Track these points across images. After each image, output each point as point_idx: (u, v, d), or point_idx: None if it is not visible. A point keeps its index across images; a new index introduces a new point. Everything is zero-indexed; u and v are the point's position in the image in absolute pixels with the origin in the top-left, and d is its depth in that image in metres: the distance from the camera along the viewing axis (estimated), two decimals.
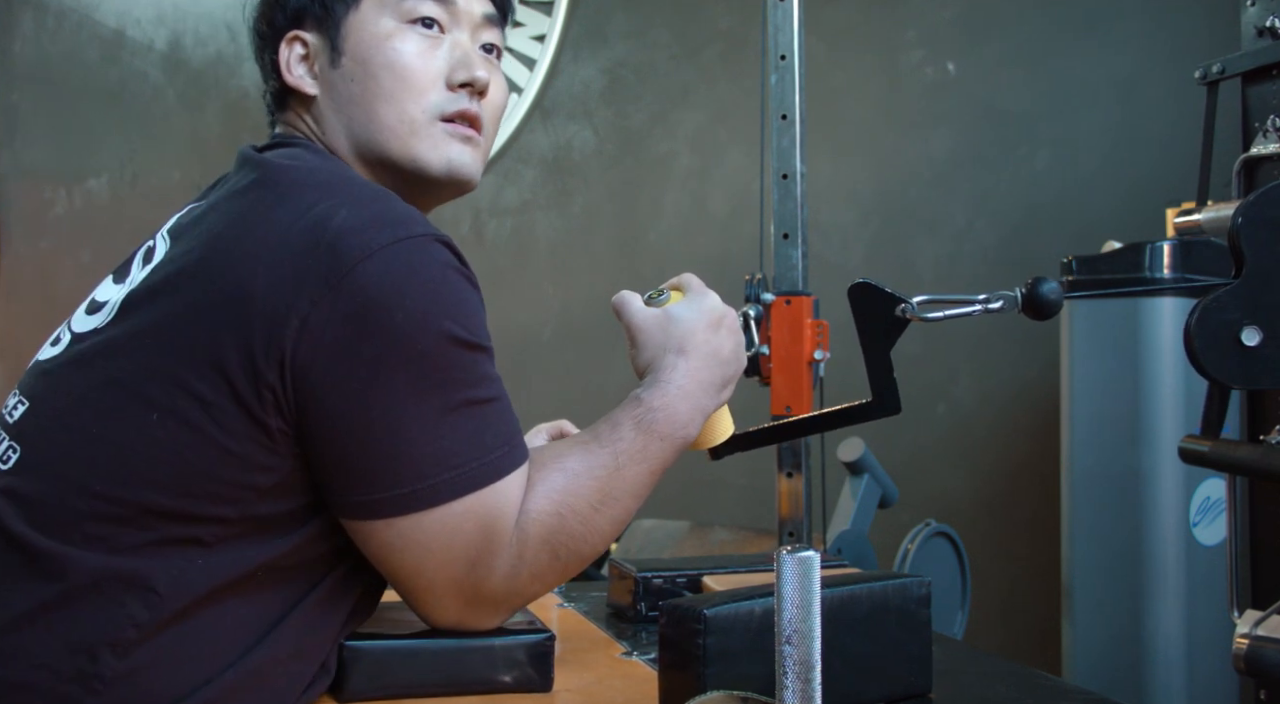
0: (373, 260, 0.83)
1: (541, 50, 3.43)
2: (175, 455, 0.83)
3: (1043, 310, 1.02)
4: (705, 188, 3.13)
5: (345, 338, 0.82)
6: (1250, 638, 0.92)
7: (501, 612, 0.95)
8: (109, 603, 0.82)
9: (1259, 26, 1.17)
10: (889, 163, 2.83)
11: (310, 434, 0.84)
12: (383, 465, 0.85)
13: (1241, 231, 0.87)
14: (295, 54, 1.03)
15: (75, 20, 4.38)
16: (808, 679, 0.66)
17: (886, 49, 2.84)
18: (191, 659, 0.85)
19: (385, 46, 1.00)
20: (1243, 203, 0.89)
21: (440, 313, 0.85)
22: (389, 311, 0.82)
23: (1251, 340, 0.87)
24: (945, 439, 2.67)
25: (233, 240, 0.86)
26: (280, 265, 0.83)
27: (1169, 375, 1.90)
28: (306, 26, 1.03)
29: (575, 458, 0.94)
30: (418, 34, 1.01)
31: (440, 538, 0.87)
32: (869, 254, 2.82)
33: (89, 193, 4.33)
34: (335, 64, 1.01)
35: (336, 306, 0.82)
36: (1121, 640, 1.92)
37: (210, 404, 0.83)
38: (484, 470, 0.87)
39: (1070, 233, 2.51)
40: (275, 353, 0.82)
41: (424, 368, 0.84)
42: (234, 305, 0.83)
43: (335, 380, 0.82)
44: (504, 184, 3.51)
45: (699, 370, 0.99)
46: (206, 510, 0.84)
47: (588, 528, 0.93)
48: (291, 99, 1.05)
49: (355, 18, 1.01)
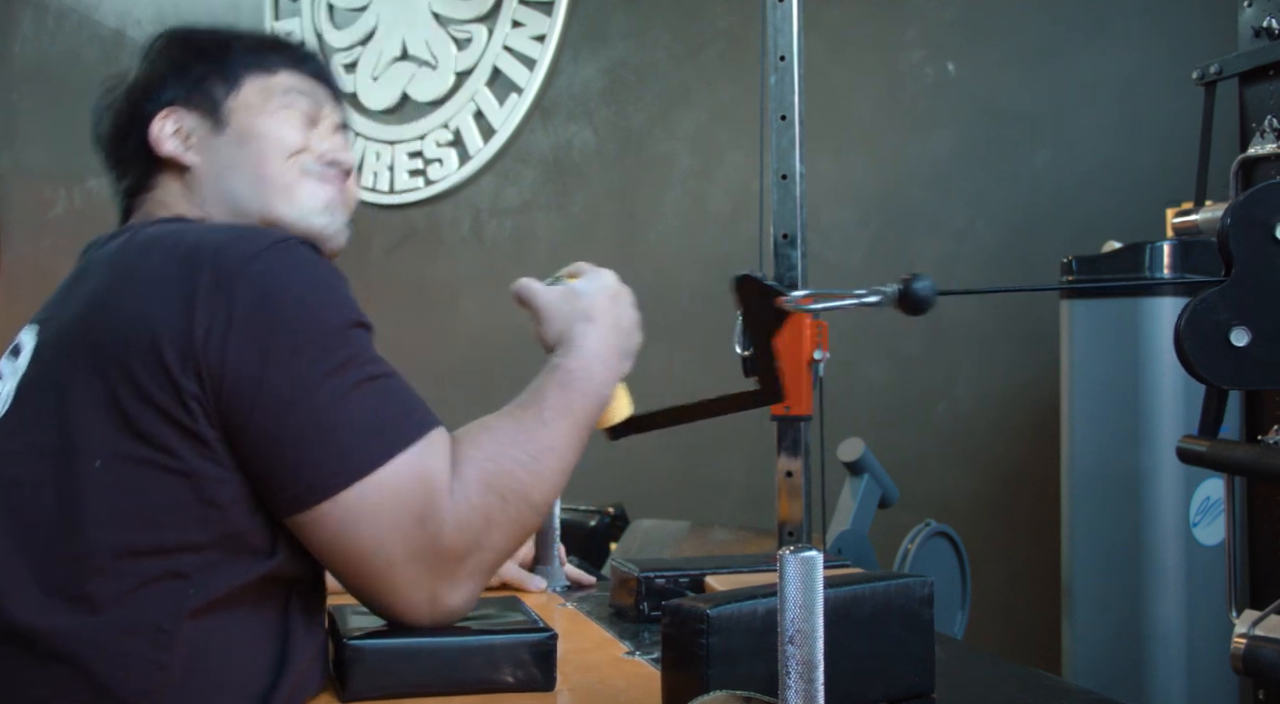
0: (255, 262, 0.90)
1: (541, 50, 3.43)
2: (130, 493, 0.86)
3: (916, 306, 1.10)
4: (705, 188, 3.13)
5: (247, 334, 0.87)
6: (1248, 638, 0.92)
7: (469, 573, 0.94)
8: (125, 659, 0.84)
9: (1256, 27, 1.17)
10: (889, 163, 2.83)
11: (239, 435, 0.88)
12: (312, 446, 0.88)
13: (1230, 232, 0.88)
14: (168, 128, 1.11)
15: (75, 20, 4.38)
16: (810, 679, 0.66)
17: (886, 49, 2.84)
18: (215, 686, 0.87)
19: (267, 120, 1.12)
20: (1232, 204, 0.89)
21: (325, 300, 0.92)
22: (281, 303, 0.89)
23: (1240, 341, 0.87)
24: (945, 439, 2.67)
25: (114, 291, 0.91)
26: (170, 292, 0.88)
27: (1169, 375, 1.91)
28: (178, 105, 1.12)
29: (500, 419, 0.99)
30: (295, 116, 1.13)
31: (386, 501, 0.89)
32: (869, 254, 2.83)
33: (89, 193, 4.33)
34: (218, 132, 1.11)
35: (233, 308, 0.87)
36: (1121, 640, 1.92)
37: (146, 435, 0.86)
38: (406, 431, 0.91)
39: (1070, 233, 2.51)
40: (190, 364, 0.86)
41: (325, 349, 0.90)
42: (139, 338, 0.87)
43: (248, 375, 0.87)
44: (504, 184, 3.51)
45: (607, 336, 1.08)
46: (177, 539, 0.86)
47: (526, 470, 0.96)
48: (160, 176, 1.12)
49: (235, 99, 1.12)
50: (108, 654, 0.84)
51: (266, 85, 1.13)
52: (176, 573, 0.86)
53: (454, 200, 3.60)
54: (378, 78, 3.82)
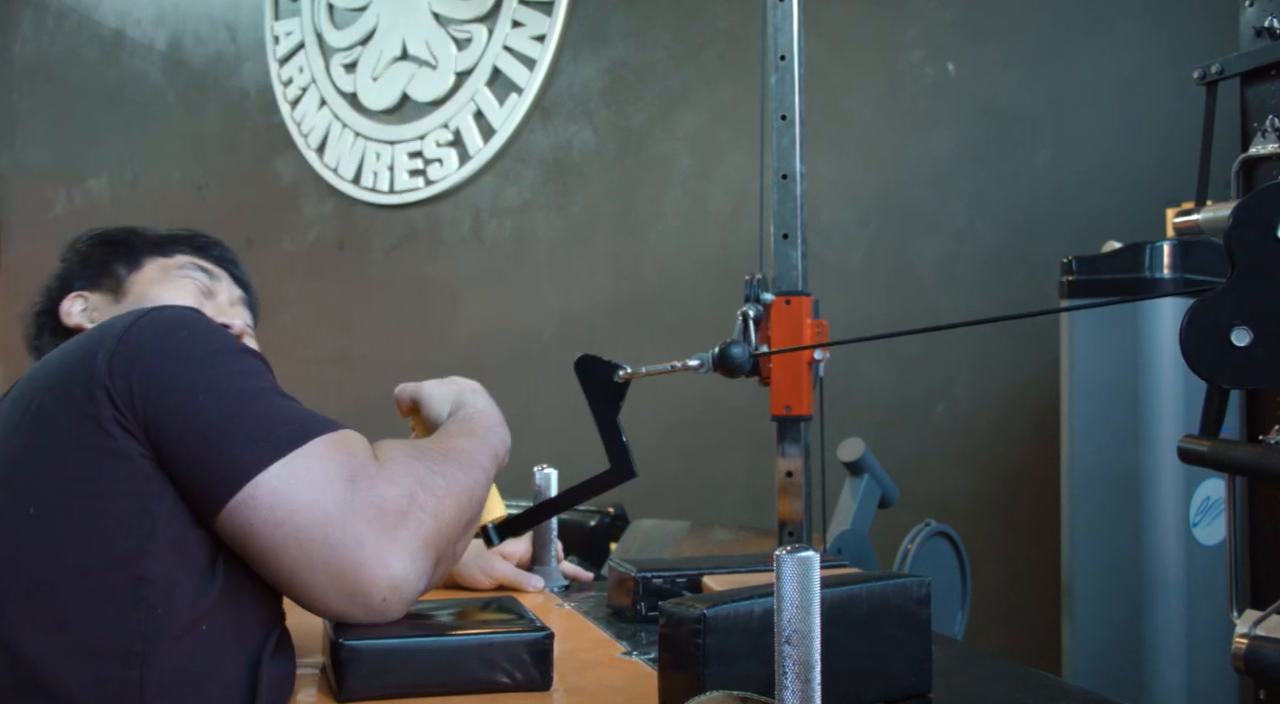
0: (146, 316, 0.96)
1: (541, 50, 3.43)
2: (74, 520, 0.88)
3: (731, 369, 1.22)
4: (705, 188, 3.13)
5: (149, 356, 0.92)
6: (1249, 638, 0.92)
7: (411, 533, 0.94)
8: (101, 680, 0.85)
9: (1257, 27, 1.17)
10: (889, 163, 2.83)
11: (160, 445, 0.90)
12: (229, 438, 0.91)
13: (1233, 232, 0.88)
14: (76, 307, 1.32)
15: (75, 20, 4.38)
16: (807, 679, 0.66)
17: (886, 49, 2.84)
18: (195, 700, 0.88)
19: (163, 289, 1.30)
20: (1236, 204, 0.89)
21: (215, 336, 0.98)
22: (174, 333, 0.95)
23: (1241, 341, 0.87)
24: (945, 439, 2.67)
25: (43, 373, 0.96)
26: (77, 354, 0.94)
27: (1169, 375, 1.90)
28: (83, 288, 1.32)
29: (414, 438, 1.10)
30: (190, 283, 1.31)
31: (314, 467, 0.92)
32: (869, 254, 2.82)
33: (89, 193, 4.33)
34: (118, 302, 1.30)
35: (129, 341, 0.93)
36: (1121, 640, 1.92)
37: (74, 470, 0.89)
38: (320, 424, 0.95)
39: (1070, 233, 2.51)
40: (99, 392, 0.90)
41: (224, 360, 0.95)
42: (54, 390, 0.92)
43: (156, 389, 0.91)
44: (504, 184, 3.51)
45: (493, 409, 1.20)
46: (130, 549, 0.88)
47: (443, 455, 1.03)
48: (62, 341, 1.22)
49: (136, 275, 1.31)
50: (84, 679, 0.85)
51: (165, 264, 1.32)
52: (139, 579, 0.87)
53: (454, 200, 3.60)
54: (378, 78, 3.82)
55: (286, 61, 4.07)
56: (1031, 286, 2.54)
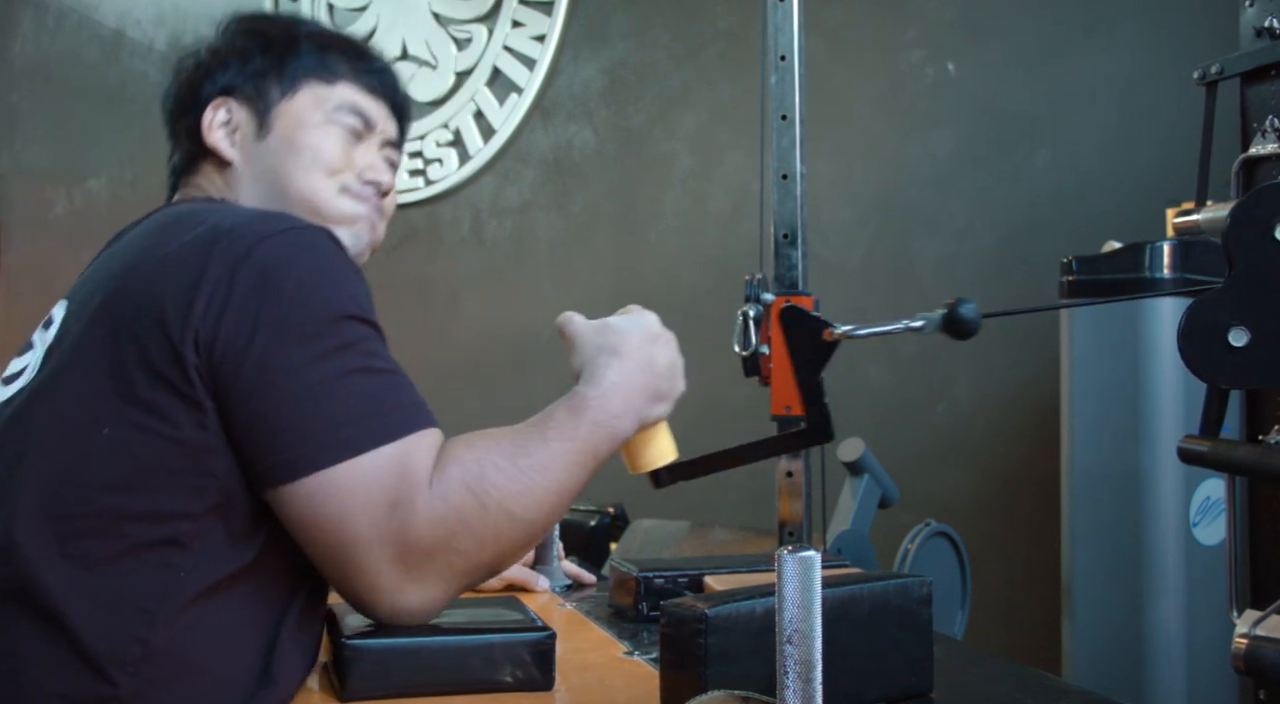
0: (266, 243, 0.92)
1: (541, 50, 3.43)
2: (130, 457, 0.88)
3: (961, 330, 1.09)
4: (705, 188, 3.13)
5: (246, 309, 0.89)
6: (1249, 638, 0.92)
7: (436, 572, 0.92)
8: (108, 624, 0.86)
9: (1257, 27, 1.17)
10: (889, 163, 2.83)
11: (227, 405, 0.89)
12: (292, 424, 0.89)
13: (1231, 233, 0.88)
14: (219, 119, 1.15)
15: (75, 20, 4.38)
16: (808, 679, 0.66)
17: (886, 49, 2.84)
18: (198, 673, 0.87)
19: (312, 134, 1.14)
20: (1234, 205, 0.89)
21: (330, 288, 0.93)
22: (284, 284, 0.90)
23: (1239, 341, 0.87)
24: (945, 439, 2.67)
25: (134, 267, 0.94)
26: (184, 266, 0.91)
27: (1169, 375, 1.91)
28: (234, 97, 1.15)
29: (502, 430, 0.98)
30: (341, 132, 1.16)
31: (360, 485, 0.89)
32: (869, 254, 2.82)
33: (89, 193, 4.33)
34: (261, 139, 1.14)
35: (236, 283, 0.89)
36: (1121, 640, 1.92)
37: (150, 403, 0.88)
38: (393, 425, 0.91)
39: (1070, 233, 2.51)
40: (189, 333, 0.88)
41: (320, 333, 0.91)
42: (149, 310, 0.90)
43: (240, 348, 0.89)
44: (504, 184, 3.51)
45: (631, 371, 1.04)
46: (172, 506, 0.88)
47: (515, 483, 0.94)
48: (204, 163, 1.16)
49: (288, 105, 1.15)
50: (94, 619, 0.86)
51: (322, 96, 1.15)
52: (170, 541, 0.88)
53: (454, 200, 3.60)
54: None
55: None
56: (1031, 286, 2.54)
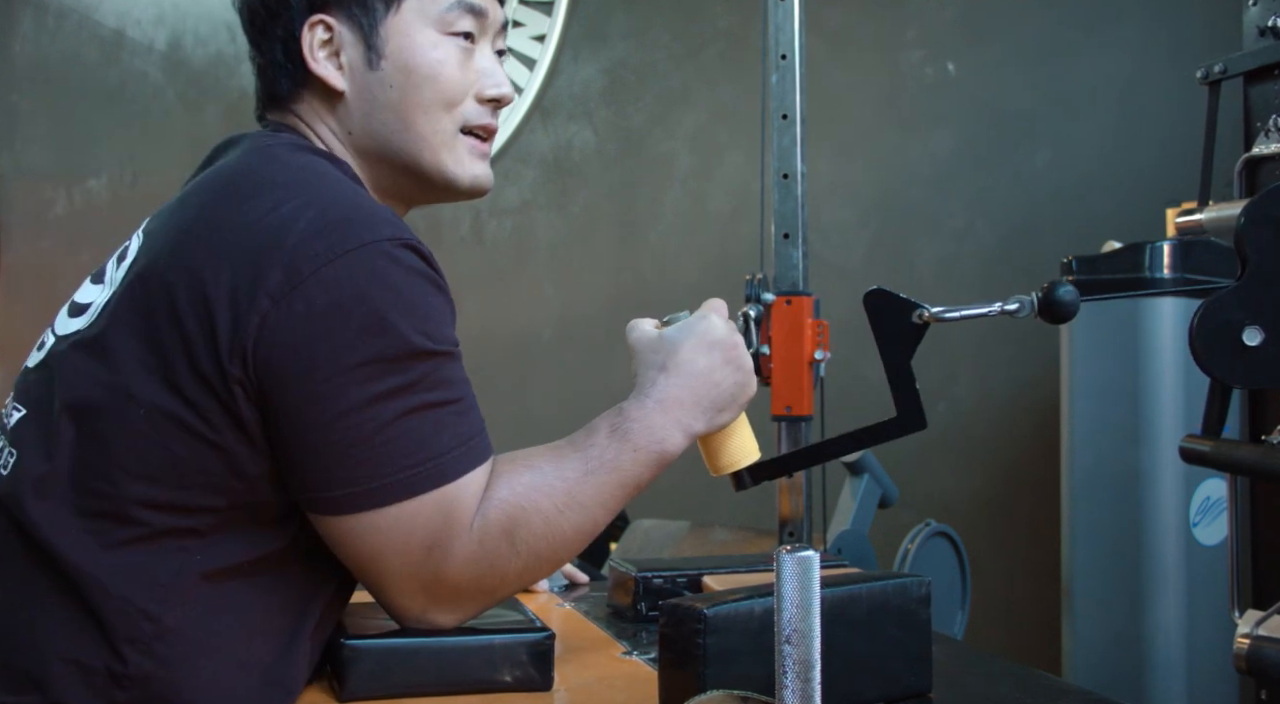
0: (335, 265, 0.85)
1: (541, 50, 3.43)
2: (164, 450, 0.86)
3: (1058, 313, 1.03)
4: (705, 188, 3.13)
5: (304, 338, 0.84)
6: (1251, 638, 0.92)
7: (465, 604, 0.95)
8: (122, 598, 0.86)
9: (1261, 26, 1.17)
10: (889, 163, 2.83)
11: (273, 429, 0.87)
12: (339, 464, 0.87)
13: (1245, 232, 0.87)
14: (318, 40, 1.01)
15: (75, 20, 4.38)
16: (807, 679, 0.66)
17: (886, 49, 2.84)
18: (209, 657, 0.88)
19: (430, 58, 1.02)
20: (1248, 203, 0.88)
21: (399, 318, 0.86)
22: (348, 315, 0.85)
23: (1253, 340, 0.87)
24: (945, 439, 2.67)
25: (199, 238, 0.88)
26: (244, 264, 0.85)
27: (1169, 375, 1.90)
28: (333, 14, 1.01)
29: (546, 458, 0.97)
30: (457, 47, 1.03)
31: (397, 530, 0.89)
32: (869, 254, 2.82)
33: (89, 193, 4.33)
34: (373, 66, 1.01)
35: (296, 307, 0.84)
36: (1121, 640, 1.92)
37: (190, 399, 0.86)
38: (440, 469, 0.89)
39: (1070, 233, 2.50)
40: (239, 348, 0.84)
41: (380, 371, 0.86)
42: (201, 304, 0.85)
43: (293, 379, 0.85)
44: (504, 184, 3.51)
45: (679, 386, 1.01)
46: (198, 501, 0.87)
47: (549, 527, 0.94)
48: (305, 91, 1.03)
49: (395, 21, 1.01)
50: (109, 593, 0.86)
51: (427, 2, 1.02)
52: (189, 531, 0.87)
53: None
54: None
55: None
56: (1032, 287, 2.53)
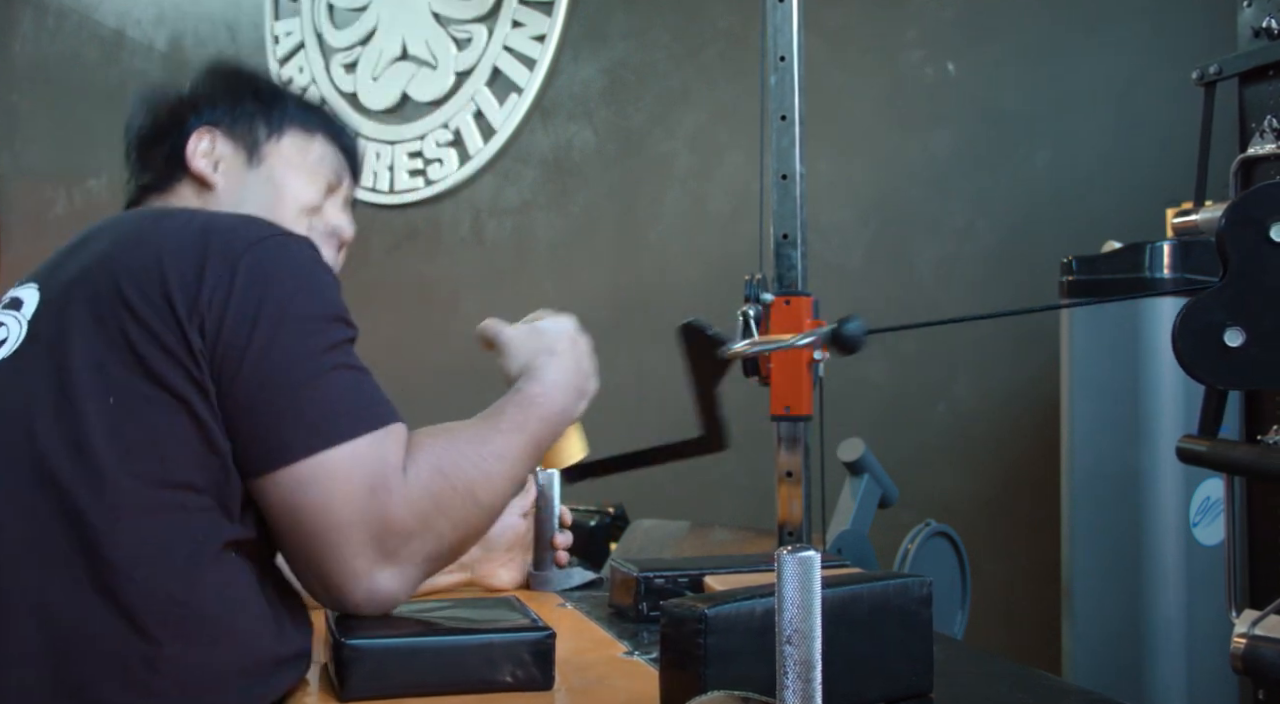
0: (260, 245, 0.98)
1: (541, 50, 3.43)
2: (141, 429, 0.91)
3: (846, 345, 1.14)
4: (705, 188, 3.13)
5: (246, 303, 0.94)
6: (1248, 637, 0.92)
7: (411, 555, 0.96)
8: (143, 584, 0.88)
9: (1255, 27, 1.17)
10: (889, 163, 2.83)
11: (227, 393, 0.93)
12: (284, 415, 0.94)
13: (1226, 233, 0.88)
14: (202, 149, 1.19)
15: (75, 20, 4.38)
16: (808, 679, 0.66)
17: (886, 49, 2.84)
18: (228, 633, 0.91)
19: (296, 176, 1.22)
20: (1228, 205, 0.89)
21: (320, 290, 0.99)
22: (276, 283, 0.96)
23: (1234, 341, 0.87)
24: (945, 439, 2.67)
25: (126, 249, 0.98)
26: (182, 253, 0.96)
27: (1169, 375, 1.91)
28: (220, 130, 1.20)
29: (457, 424, 1.05)
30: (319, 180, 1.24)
31: (341, 472, 0.93)
32: (869, 254, 2.83)
33: (89, 193, 4.33)
34: (253, 165, 1.20)
35: (236, 278, 0.95)
36: (1121, 640, 1.92)
37: (159, 377, 0.92)
38: (372, 417, 0.96)
39: (1070, 233, 2.51)
40: (195, 320, 0.93)
41: (314, 331, 0.97)
42: (152, 288, 0.94)
43: (242, 339, 0.94)
44: (504, 184, 3.51)
45: (568, 370, 1.14)
46: (182, 477, 0.91)
47: (476, 468, 1.00)
48: (180, 185, 1.19)
49: (276, 146, 1.22)
50: (133, 579, 0.88)
51: (304, 145, 1.23)
52: (182, 507, 0.91)
53: (454, 200, 3.60)
54: (378, 78, 3.82)
55: (286, 62, 4.07)
56: (1031, 287, 2.54)
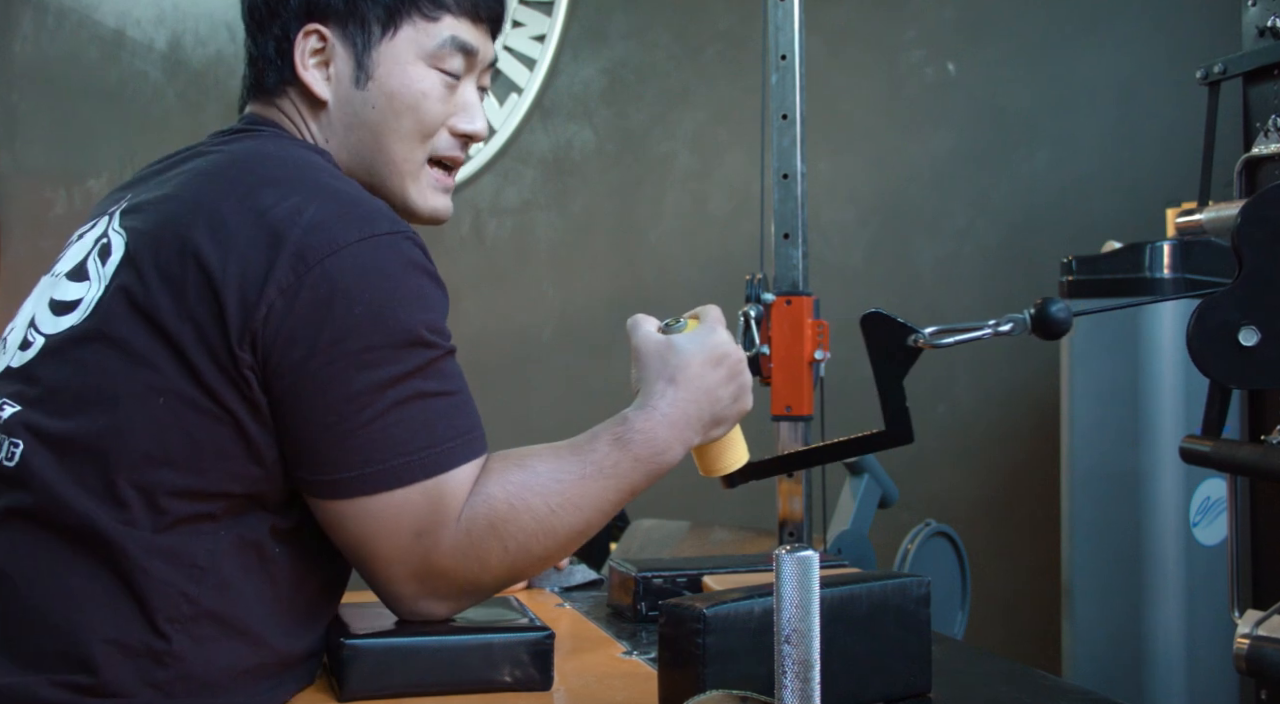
0: (339, 256, 0.88)
1: (541, 50, 3.42)
2: (183, 435, 0.88)
3: (1051, 330, 1.01)
4: (705, 188, 3.13)
5: (308, 326, 0.87)
6: (1251, 638, 0.92)
7: (455, 593, 0.96)
8: (160, 581, 0.87)
9: (1260, 26, 1.17)
10: (889, 163, 2.83)
11: (278, 411, 0.90)
12: (336, 449, 0.89)
13: (1241, 232, 0.87)
14: (311, 48, 1.04)
15: (75, 20, 4.38)
16: (807, 679, 0.66)
17: (886, 49, 2.83)
18: (237, 634, 0.90)
19: (415, 88, 1.05)
20: (1245, 203, 0.88)
21: (399, 308, 0.90)
22: (350, 304, 0.88)
23: (1249, 341, 0.87)
24: (945, 439, 2.67)
25: (202, 232, 0.89)
26: (250, 257, 0.88)
27: (1169, 375, 1.90)
28: (330, 26, 1.03)
29: (543, 459, 0.97)
30: (442, 82, 1.06)
31: (386, 517, 0.91)
32: (869, 254, 2.82)
33: (89, 193, 4.33)
34: (360, 85, 1.04)
35: (301, 296, 0.87)
36: (1121, 640, 1.92)
37: (208, 385, 0.88)
38: (435, 458, 0.91)
39: (1070, 233, 2.50)
40: (248, 335, 0.87)
41: (380, 358, 0.89)
42: (211, 294, 0.88)
43: (296, 364, 0.88)
44: (504, 184, 3.51)
45: (686, 402, 1.01)
46: (215, 487, 0.89)
47: (541, 526, 0.95)
48: (291, 90, 1.06)
49: (389, 46, 1.04)
50: (150, 575, 0.87)
51: (423, 35, 1.04)
52: (207, 516, 0.89)
53: (454, 200, 3.59)
54: None
55: None
56: (1032, 287, 2.54)
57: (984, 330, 1.06)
